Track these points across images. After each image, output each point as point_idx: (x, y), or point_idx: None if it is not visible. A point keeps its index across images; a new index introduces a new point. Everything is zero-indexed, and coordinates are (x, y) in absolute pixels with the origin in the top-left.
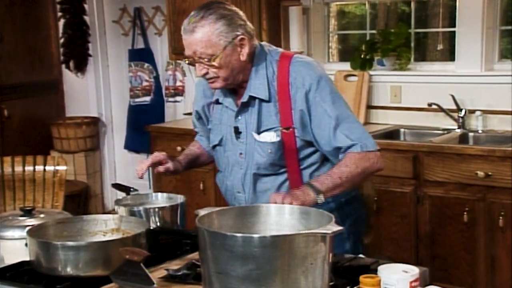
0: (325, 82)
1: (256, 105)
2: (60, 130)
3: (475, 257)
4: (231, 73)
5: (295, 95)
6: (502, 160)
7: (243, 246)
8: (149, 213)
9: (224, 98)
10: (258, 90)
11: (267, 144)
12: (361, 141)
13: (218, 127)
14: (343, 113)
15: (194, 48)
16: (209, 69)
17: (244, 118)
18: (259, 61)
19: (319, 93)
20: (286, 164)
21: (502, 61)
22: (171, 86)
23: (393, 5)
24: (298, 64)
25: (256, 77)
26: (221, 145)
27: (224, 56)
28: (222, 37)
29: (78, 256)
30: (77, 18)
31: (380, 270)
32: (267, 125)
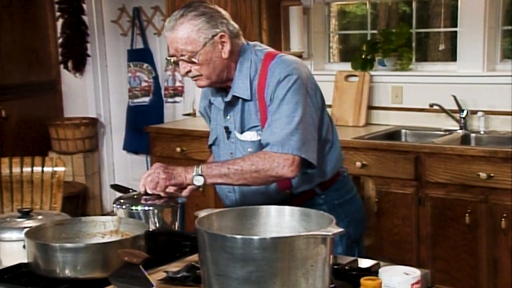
0: (290, 79)
1: (239, 105)
2: (59, 131)
3: (477, 259)
4: (213, 71)
5: (268, 92)
6: (504, 161)
7: (243, 248)
8: (148, 214)
9: (214, 98)
10: (240, 89)
11: (247, 143)
12: (279, 140)
13: (215, 127)
14: (285, 112)
15: (176, 45)
16: (191, 67)
17: (232, 117)
18: (243, 61)
19: (280, 90)
20: None
21: (504, 61)
22: (170, 86)
23: (394, 5)
24: (276, 62)
25: (240, 76)
26: (215, 145)
27: (204, 53)
28: (202, 34)
29: (76, 258)
30: (76, 18)
31: (381, 272)
32: (249, 124)
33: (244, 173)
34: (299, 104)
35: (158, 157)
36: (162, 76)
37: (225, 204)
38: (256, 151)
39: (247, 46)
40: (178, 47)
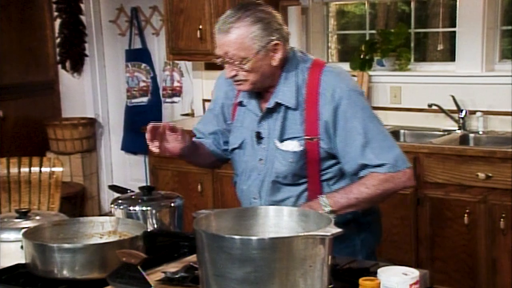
0: (357, 96)
1: (281, 112)
2: (56, 131)
3: (476, 259)
4: (260, 77)
5: (324, 106)
6: (503, 161)
7: (241, 249)
8: (146, 215)
9: (249, 101)
10: (285, 97)
11: (289, 153)
12: (390, 161)
13: (239, 130)
14: (374, 129)
15: (226, 49)
16: (239, 72)
17: (268, 123)
18: (290, 67)
19: (350, 108)
20: (307, 174)
21: (503, 61)
22: (169, 86)
23: (393, 5)
24: (330, 74)
25: (285, 83)
26: (241, 149)
27: (256, 60)
28: (257, 41)
29: (74, 259)
30: (73, 18)
31: (380, 272)
32: (291, 134)
33: (372, 199)
34: (376, 116)
35: (156, 157)
36: (160, 76)
37: None
38: (297, 162)
39: (292, 52)
40: (229, 51)
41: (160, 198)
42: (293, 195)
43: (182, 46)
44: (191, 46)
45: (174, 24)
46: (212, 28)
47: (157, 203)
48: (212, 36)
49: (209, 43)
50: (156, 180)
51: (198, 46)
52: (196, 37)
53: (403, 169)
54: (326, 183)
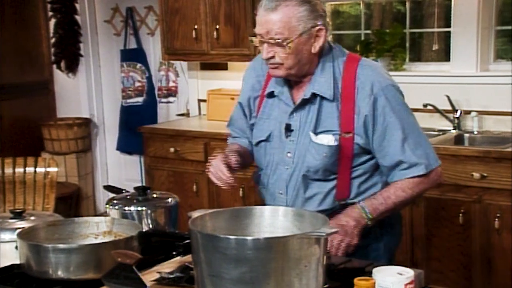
0: (395, 91)
1: (317, 104)
2: (51, 131)
3: (471, 259)
4: (298, 63)
5: (362, 100)
6: (498, 161)
7: (237, 249)
8: (142, 215)
9: (281, 91)
10: (322, 87)
11: (323, 147)
12: (425, 158)
13: (266, 122)
14: (410, 125)
15: (270, 27)
16: (277, 54)
17: (300, 115)
18: (327, 58)
19: (388, 102)
20: (338, 170)
21: (498, 61)
22: (164, 86)
23: (388, 5)
24: (367, 68)
25: (322, 73)
26: (268, 141)
27: (298, 43)
28: (302, 23)
29: (69, 259)
30: (68, 18)
31: (375, 272)
32: (326, 127)
33: (408, 201)
34: (411, 112)
35: (151, 157)
36: (155, 76)
37: (267, 203)
38: (330, 157)
39: (329, 43)
40: (273, 29)
41: (155, 198)
42: (322, 191)
43: (177, 46)
44: (187, 46)
45: (169, 24)
46: (208, 28)
47: (152, 203)
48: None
49: (205, 43)
50: (152, 180)
51: (193, 46)
52: (191, 37)
53: (435, 167)
54: (356, 181)
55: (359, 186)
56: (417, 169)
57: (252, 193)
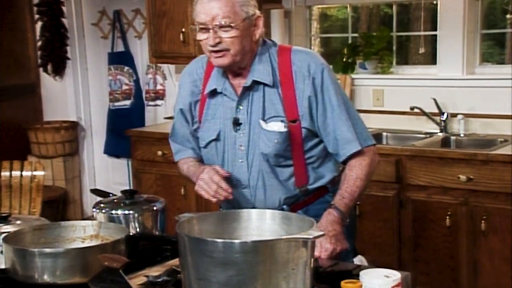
0: (328, 71)
1: (260, 91)
2: (38, 135)
3: (458, 261)
4: (242, 49)
5: (301, 82)
6: (484, 163)
7: (224, 252)
8: (129, 218)
9: (224, 87)
10: (262, 75)
11: (274, 133)
12: (363, 135)
13: (211, 122)
14: (347, 104)
15: (216, 12)
16: (223, 39)
17: (246, 107)
18: (262, 48)
19: (326, 81)
20: (292, 156)
21: (483, 64)
22: (152, 89)
23: (375, 8)
24: (301, 53)
25: (260, 62)
26: (218, 140)
27: (242, 28)
28: (244, 9)
29: (55, 263)
30: (55, 21)
31: (362, 275)
32: (272, 113)
33: (366, 187)
34: (342, 89)
35: (139, 160)
36: (143, 79)
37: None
38: (282, 143)
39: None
40: (219, 14)
41: (143, 201)
42: (281, 180)
43: (165, 49)
44: (174, 49)
45: (157, 27)
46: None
47: (139, 207)
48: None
49: (192, 46)
50: (139, 184)
51: (181, 49)
52: (179, 40)
53: (372, 144)
54: (311, 166)
55: (315, 171)
56: (352, 146)
57: None
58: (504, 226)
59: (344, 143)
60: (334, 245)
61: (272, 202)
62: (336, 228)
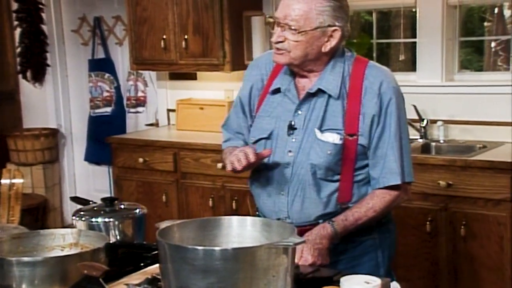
0: (399, 95)
1: (324, 101)
2: (17, 142)
3: (438, 267)
4: (304, 56)
5: (370, 100)
6: (464, 169)
7: (205, 259)
8: (109, 226)
9: (288, 88)
10: (330, 85)
11: (328, 144)
12: (406, 170)
13: (266, 120)
14: (405, 133)
15: (289, 12)
16: (287, 40)
17: (304, 113)
18: (338, 59)
19: (393, 103)
20: (341, 171)
21: (462, 71)
22: (133, 96)
23: (356, 15)
24: (376, 69)
25: (332, 72)
26: (269, 139)
27: (310, 36)
28: (321, 17)
29: (34, 272)
30: (34, 27)
31: (343, 281)
32: (330, 125)
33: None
34: (405, 120)
35: (120, 167)
36: (124, 86)
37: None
38: (335, 155)
39: (343, 48)
40: (291, 15)
41: (123, 209)
42: (325, 193)
43: (146, 55)
44: (155, 56)
45: (138, 34)
46: (176, 38)
47: (119, 214)
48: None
49: (173, 52)
50: (121, 191)
51: (162, 56)
52: (160, 46)
53: (409, 181)
54: (357, 185)
55: (359, 189)
56: (394, 178)
57: (222, 203)
58: (483, 232)
59: (387, 172)
60: (315, 258)
61: (308, 216)
62: (323, 242)
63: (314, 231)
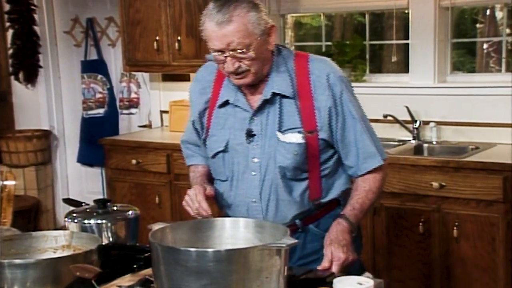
0: (347, 81)
1: (277, 103)
2: (9, 144)
3: (431, 267)
4: (262, 65)
5: (321, 94)
6: (456, 171)
7: (197, 261)
8: (101, 228)
9: (236, 99)
10: (282, 86)
11: (293, 145)
12: (380, 150)
13: (220, 132)
14: (364, 116)
15: (230, 39)
16: (242, 62)
17: (260, 118)
18: (278, 58)
19: (345, 92)
20: (307, 168)
21: (454, 73)
22: (126, 98)
23: (348, 17)
24: (318, 62)
25: (278, 72)
26: (226, 151)
27: (259, 45)
28: (257, 25)
29: (26, 275)
30: (27, 29)
31: (335, 282)
32: (289, 125)
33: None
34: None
35: (113, 169)
36: (117, 88)
37: (240, 216)
38: (301, 155)
39: (276, 45)
40: (234, 41)
41: (115, 211)
42: (296, 193)
43: (138, 57)
44: (148, 58)
45: (131, 35)
46: (169, 39)
47: (112, 216)
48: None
49: (166, 54)
50: (113, 193)
51: (155, 57)
52: (153, 48)
53: (384, 159)
54: (325, 179)
55: (328, 183)
56: (375, 160)
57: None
58: (475, 233)
59: (365, 157)
60: (346, 255)
61: (284, 217)
62: (346, 237)
63: (332, 230)
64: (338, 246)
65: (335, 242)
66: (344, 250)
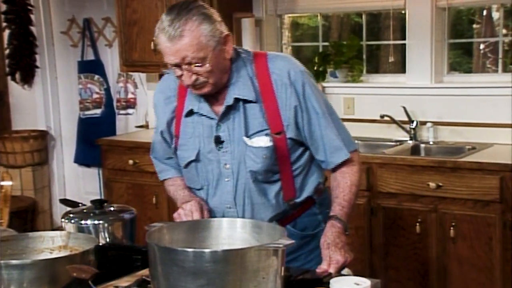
0: (308, 76)
1: (240, 108)
2: (6, 144)
3: (428, 267)
4: (220, 75)
5: (284, 92)
6: (453, 171)
7: (194, 262)
8: (98, 228)
9: (200, 107)
10: (243, 91)
11: (261, 149)
12: (347, 141)
13: (190, 141)
14: (330, 109)
15: (184, 54)
16: (199, 75)
17: (226, 125)
18: (237, 62)
19: (308, 88)
20: (279, 170)
21: (451, 73)
22: (123, 98)
23: (345, 17)
24: (277, 59)
25: (238, 77)
26: (198, 161)
27: (215, 57)
28: (211, 37)
29: (22, 275)
30: (23, 29)
31: (332, 283)
32: (255, 128)
33: (358, 194)
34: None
35: (110, 169)
36: (113, 88)
37: None
38: (270, 157)
39: (234, 49)
40: (187, 55)
41: (112, 211)
42: (270, 196)
43: (135, 57)
44: (145, 58)
45: (127, 36)
46: None
47: (109, 217)
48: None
49: None
50: (111, 193)
51: (152, 57)
52: (149, 48)
53: (356, 148)
54: (298, 179)
55: (302, 182)
56: (342, 153)
57: None
58: (472, 233)
59: (332, 151)
60: (344, 257)
61: (260, 220)
62: (342, 239)
63: (327, 233)
64: (335, 249)
65: (332, 245)
66: (341, 252)
